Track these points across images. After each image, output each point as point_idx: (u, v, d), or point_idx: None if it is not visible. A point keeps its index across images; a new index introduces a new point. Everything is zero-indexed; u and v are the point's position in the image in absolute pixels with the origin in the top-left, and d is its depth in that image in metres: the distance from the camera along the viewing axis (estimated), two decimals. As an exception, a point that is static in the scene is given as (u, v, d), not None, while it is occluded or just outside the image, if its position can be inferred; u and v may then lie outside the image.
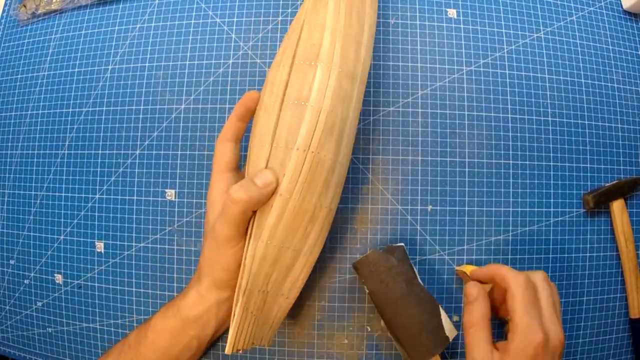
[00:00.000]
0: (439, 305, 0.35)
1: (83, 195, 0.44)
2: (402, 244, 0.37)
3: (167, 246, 0.42)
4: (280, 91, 0.32)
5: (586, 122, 0.43)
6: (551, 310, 0.29)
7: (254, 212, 0.31)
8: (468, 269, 0.38)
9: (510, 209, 0.41)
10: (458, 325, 0.40)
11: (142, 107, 0.44)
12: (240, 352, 0.35)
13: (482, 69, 0.43)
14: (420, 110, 0.42)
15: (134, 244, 0.42)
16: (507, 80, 0.43)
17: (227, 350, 0.29)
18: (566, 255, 0.41)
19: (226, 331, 0.39)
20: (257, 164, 0.32)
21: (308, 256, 0.33)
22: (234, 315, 0.30)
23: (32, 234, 0.45)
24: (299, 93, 0.31)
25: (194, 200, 0.42)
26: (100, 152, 0.44)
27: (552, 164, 0.42)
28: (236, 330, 0.29)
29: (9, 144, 0.47)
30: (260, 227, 0.31)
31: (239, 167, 0.37)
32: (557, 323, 0.29)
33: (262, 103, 0.33)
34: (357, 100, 0.33)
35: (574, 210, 0.42)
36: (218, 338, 0.39)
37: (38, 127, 0.46)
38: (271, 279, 0.32)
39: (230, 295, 0.33)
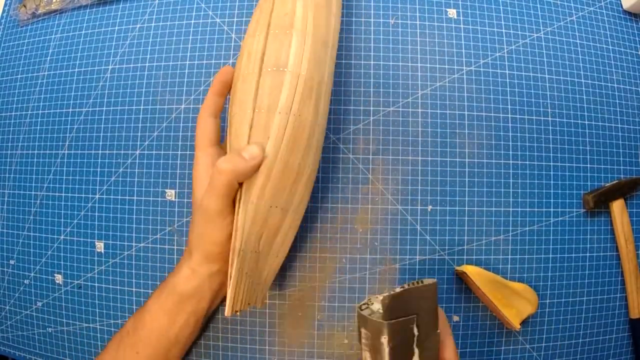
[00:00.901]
0: None
1: (83, 195, 0.44)
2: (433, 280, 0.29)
3: (167, 246, 0.42)
4: (257, 59, 0.33)
5: (586, 122, 0.43)
6: None
7: (241, 184, 0.32)
8: (468, 269, 0.38)
9: (510, 209, 0.41)
10: (457, 326, 0.40)
11: (142, 107, 0.44)
12: (238, 313, 0.35)
13: (482, 69, 0.43)
14: (420, 110, 0.42)
15: (134, 244, 0.42)
16: (507, 80, 0.43)
17: (227, 312, 0.30)
18: (566, 255, 0.41)
19: (218, 309, 0.40)
20: (240, 130, 0.32)
21: (294, 214, 0.34)
22: (230, 276, 0.31)
23: (32, 234, 0.45)
24: (277, 60, 0.32)
25: (194, 200, 0.42)
26: (100, 152, 0.44)
27: (552, 164, 0.42)
28: (233, 291, 0.31)
29: (9, 144, 0.47)
30: (249, 190, 0.32)
31: (220, 141, 0.37)
32: None
33: (240, 73, 0.34)
34: (330, 64, 0.35)
35: (574, 210, 0.42)
36: (213, 314, 0.40)
37: (38, 127, 0.46)
38: (262, 239, 0.33)
39: (220, 267, 0.34)
